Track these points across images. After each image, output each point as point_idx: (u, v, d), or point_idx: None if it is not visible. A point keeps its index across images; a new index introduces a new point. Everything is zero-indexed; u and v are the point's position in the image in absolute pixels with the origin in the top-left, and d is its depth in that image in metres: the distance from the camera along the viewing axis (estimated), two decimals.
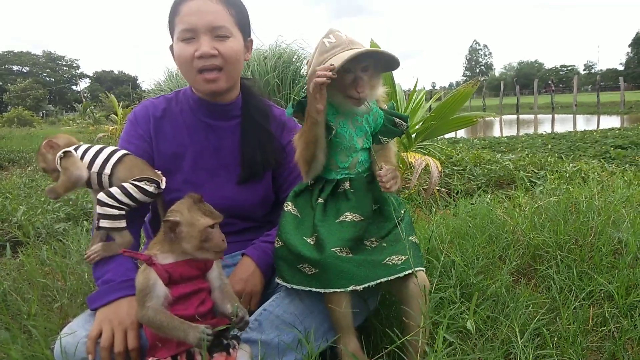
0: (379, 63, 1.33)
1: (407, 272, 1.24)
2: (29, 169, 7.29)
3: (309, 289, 1.26)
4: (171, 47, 1.53)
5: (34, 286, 2.03)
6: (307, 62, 1.40)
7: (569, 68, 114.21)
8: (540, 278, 1.89)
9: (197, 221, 1.14)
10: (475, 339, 1.39)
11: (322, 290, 1.24)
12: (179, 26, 1.43)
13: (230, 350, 1.16)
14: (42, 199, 4.08)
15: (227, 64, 1.46)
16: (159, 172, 1.44)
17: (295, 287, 1.29)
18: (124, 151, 1.41)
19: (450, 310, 1.41)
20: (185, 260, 1.17)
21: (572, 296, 1.64)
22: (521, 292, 1.65)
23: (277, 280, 1.36)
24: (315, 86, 1.19)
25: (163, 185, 1.40)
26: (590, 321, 1.55)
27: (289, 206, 1.39)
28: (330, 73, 1.17)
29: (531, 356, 1.25)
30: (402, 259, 1.26)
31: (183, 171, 1.53)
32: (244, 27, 1.52)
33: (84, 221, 3.37)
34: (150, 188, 1.36)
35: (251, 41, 1.59)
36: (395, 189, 1.32)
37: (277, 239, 1.36)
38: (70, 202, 3.90)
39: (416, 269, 1.26)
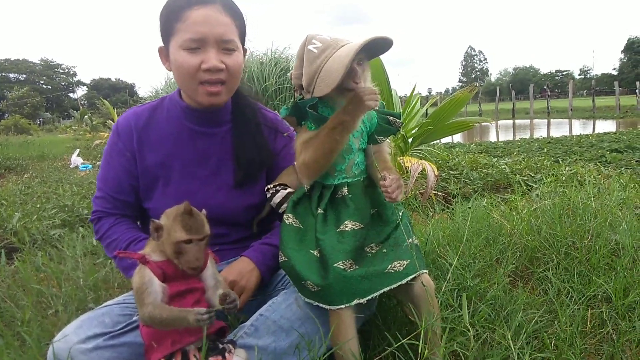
0: (370, 52, 1.31)
1: (409, 278, 1.24)
2: (25, 176, 7.27)
3: (317, 303, 1.25)
4: (161, 50, 1.47)
5: (29, 292, 2.01)
6: (291, 74, 1.37)
7: (564, 73, 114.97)
8: (537, 280, 1.89)
9: (173, 232, 1.12)
10: (473, 341, 1.38)
11: (328, 307, 1.23)
12: (182, 34, 1.36)
13: (226, 354, 1.16)
14: (38, 206, 4.06)
15: (231, 78, 1.44)
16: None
17: (307, 300, 1.28)
18: None
19: (447, 313, 1.40)
20: None
21: (570, 298, 1.64)
22: (518, 295, 1.65)
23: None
24: (368, 109, 1.22)
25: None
26: (588, 323, 1.55)
27: (289, 219, 1.36)
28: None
29: (529, 359, 1.24)
30: (404, 264, 1.25)
31: (173, 181, 1.50)
32: (243, 38, 1.50)
33: (80, 227, 3.35)
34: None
35: (246, 50, 1.55)
36: (401, 199, 1.30)
37: (281, 252, 1.34)
38: (66, 209, 3.89)
39: (420, 271, 1.26)
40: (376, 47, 1.30)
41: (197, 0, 1.37)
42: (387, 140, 1.44)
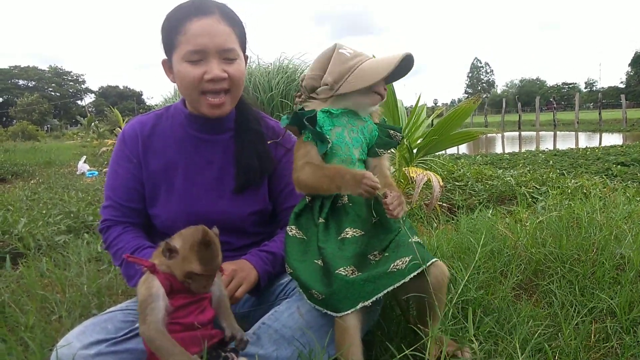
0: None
1: (411, 275, 1.21)
2: (32, 182, 7.32)
3: (325, 310, 1.25)
4: (164, 62, 1.50)
5: (33, 298, 2.02)
6: (303, 76, 1.42)
7: (571, 85, 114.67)
8: (542, 293, 1.88)
9: (188, 263, 1.12)
10: (478, 354, 1.37)
11: (334, 314, 1.22)
12: (184, 46, 1.39)
13: None
14: (44, 212, 4.09)
15: (234, 87, 1.46)
16: None
17: (317, 307, 1.28)
18: None
19: (450, 325, 1.40)
20: None
21: (574, 312, 1.62)
22: (523, 307, 1.64)
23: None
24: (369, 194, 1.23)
25: None
26: (592, 337, 1.53)
27: (292, 230, 1.37)
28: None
29: None
30: (406, 261, 1.23)
31: (176, 187, 1.51)
32: (244, 45, 1.52)
33: (85, 234, 3.37)
34: None
35: (247, 57, 1.56)
36: (402, 215, 1.30)
37: (287, 264, 1.35)
38: (72, 215, 3.91)
39: (429, 262, 1.24)
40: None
41: (196, 12, 1.39)
42: (388, 154, 1.46)
